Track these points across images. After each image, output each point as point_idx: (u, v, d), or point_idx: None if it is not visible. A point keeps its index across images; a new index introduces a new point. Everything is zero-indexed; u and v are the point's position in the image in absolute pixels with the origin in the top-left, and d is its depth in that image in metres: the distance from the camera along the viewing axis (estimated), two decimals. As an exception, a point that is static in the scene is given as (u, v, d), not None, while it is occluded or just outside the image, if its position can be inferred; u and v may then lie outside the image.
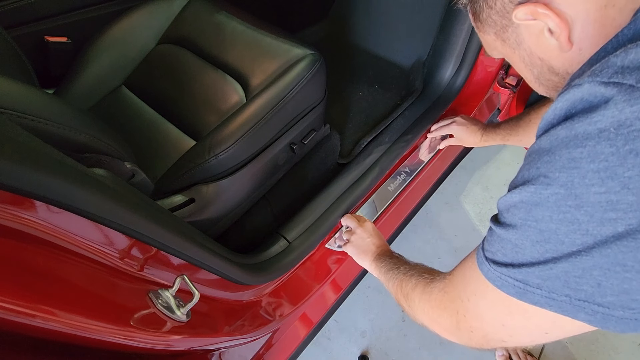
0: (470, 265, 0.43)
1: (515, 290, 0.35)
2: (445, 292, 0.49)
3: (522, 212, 0.34)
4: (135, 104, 1.00)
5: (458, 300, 0.45)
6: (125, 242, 0.49)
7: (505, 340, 0.41)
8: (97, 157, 0.59)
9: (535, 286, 0.34)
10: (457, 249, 1.53)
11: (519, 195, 0.34)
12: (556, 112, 0.32)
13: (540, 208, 0.32)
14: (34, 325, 0.38)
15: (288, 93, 0.87)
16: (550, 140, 0.32)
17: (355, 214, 0.96)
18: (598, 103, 0.29)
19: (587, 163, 0.29)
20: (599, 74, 0.30)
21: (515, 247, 0.35)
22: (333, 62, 1.30)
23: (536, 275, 0.33)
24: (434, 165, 1.23)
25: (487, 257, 0.38)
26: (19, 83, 0.54)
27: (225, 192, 0.86)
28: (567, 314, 0.33)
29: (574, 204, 0.30)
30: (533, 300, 0.34)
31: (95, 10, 1.03)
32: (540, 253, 0.33)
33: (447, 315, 0.48)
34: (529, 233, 0.33)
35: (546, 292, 0.33)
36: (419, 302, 0.55)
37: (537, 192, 0.32)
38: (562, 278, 0.32)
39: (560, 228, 0.31)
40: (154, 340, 0.55)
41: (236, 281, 0.74)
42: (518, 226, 0.34)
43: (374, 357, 1.36)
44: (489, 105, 1.34)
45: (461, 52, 1.14)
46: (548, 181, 0.31)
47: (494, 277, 0.37)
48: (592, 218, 0.29)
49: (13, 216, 0.36)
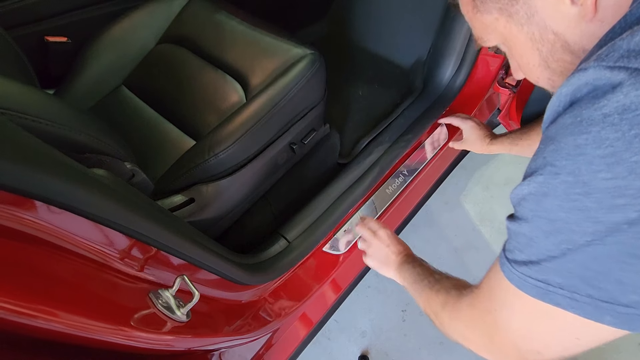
0: (495, 272, 0.41)
1: (537, 291, 0.34)
2: (474, 307, 0.47)
3: (532, 203, 0.33)
4: (135, 103, 1.00)
5: (487, 313, 0.43)
6: (125, 242, 0.49)
7: (540, 351, 0.39)
8: (97, 157, 0.59)
9: (557, 285, 0.32)
10: (457, 249, 1.53)
11: (528, 187, 0.33)
12: (561, 99, 0.31)
13: (550, 198, 0.31)
14: (34, 326, 0.38)
15: (288, 93, 0.87)
16: (557, 129, 0.31)
17: (370, 221, 0.87)
18: (604, 88, 0.28)
19: (592, 149, 0.28)
20: (605, 58, 0.29)
21: (530, 240, 0.34)
22: (333, 61, 1.30)
23: (556, 272, 0.32)
24: (434, 165, 1.23)
25: (507, 258, 0.37)
26: (19, 83, 0.54)
27: (225, 192, 0.86)
28: (591, 316, 0.31)
29: (583, 191, 0.29)
30: (555, 301, 0.33)
31: (95, 10, 1.03)
32: (555, 245, 0.32)
33: (479, 331, 0.46)
34: (541, 224, 0.32)
35: (568, 292, 0.32)
36: (449, 320, 0.53)
37: (546, 182, 0.31)
38: (581, 275, 0.31)
39: (570, 217, 0.30)
40: (154, 340, 0.55)
41: (236, 281, 0.74)
42: (529, 219, 0.34)
43: (374, 357, 1.36)
44: (489, 105, 1.34)
45: (461, 51, 1.14)
46: (555, 170, 0.30)
47: (514, 277, 0.36)
48: (602, 205, 0.28)
49: (13, 216, 0.36)
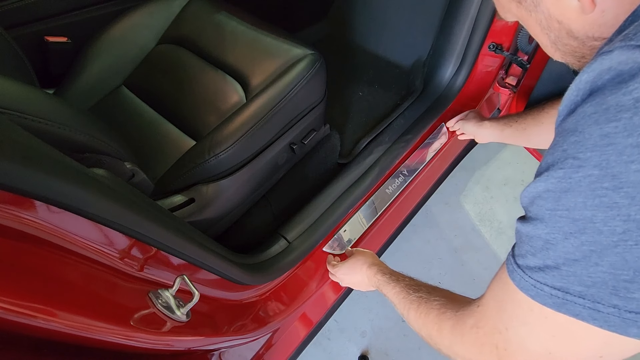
0: (502, 283, 0.37)
1: (553, 301, 0.30)
2: (479, 328, 0.41)
3: (550, 201, 0.30)
4: (135, 104, 1.00)
5: (495, 332, 0.38)
6: (125, 242, 0.49)
7: None
8: (97, 157, 0.59)
9: (576, 294, 0.29)
10: (457, 249, 1.53)
11: (544, 183, 0.30)
12: (580, 87, 0.29)
13: (571, 194, 0.28)
14: (35, 325, 0.38)
15: (288, 93, 0.87)
16: (576, 119, 0.28)
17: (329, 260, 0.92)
18: (631, 71, 0.26)
19: (623, 138, 0.25)
20: (633, 37, 0.26)
21: (546, 243, 0.30)
22: (333, 62, 1.30)
23: (576, 278, 0.29)
24: (434, 165, 1.23)
25: (518, 264, 0.33)
26: (19, 83, 0.54)
27: (225, 192, 0.86)
28: (615, 329, 0.28)
29: (611, 185, 0.26)
30: (574, 312, 0.29)
31: (95, 10, 1.03)
32: (576, 247, 0.28)
33: (486, 355, 0.40)
34: (560, 224, 0.29)
35: (590, 302, 0.28)
36: (449, 345, 0.47)
37: (566, 177, 0.28)
38: (607, 282, 0.27)
39: (597, 215, 0.27)
40: (154, 340, 0.55)
41: (236, 281, 0.74)
42: (546, 218, 0.30)
43: (374, 357, 1.36)
44: (489, 105, 1.34)
45: (461, 51, 1.14)
46: (578, 163, 0.27)
47: (527, 285, 0.32)
48: (634, 200, 0.25)
49: (13, 216, 0.36)
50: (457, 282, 1.46)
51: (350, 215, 1.01)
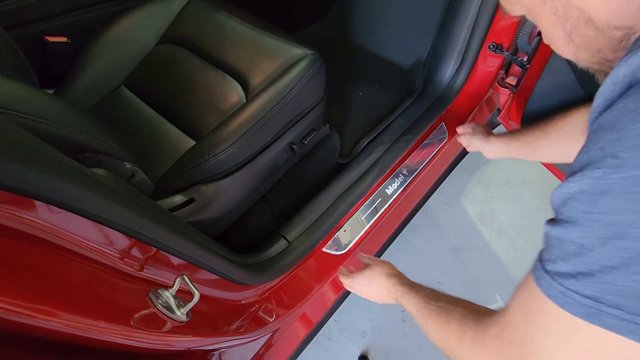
0: (529, 291, 0.34)
1: (585, 310, 0.28)
2: (503, 338, 0.39)
3: (585, 203, 0.28)
4: (135, 104, 1.00)
5: (519, 343, 0.36)
6: (125, 242, 0.49)
7: None
8: (97, 157, 0.59)
9: (612, 305, 0.26)
10: (457, 249, 1.53)
11: (579, 184, 0.28)
12: (617, 81, 0.27)
13: (609, 196, 0.26)
14: (35, 325, 0.38)
15: (288, 93, 0.87)
16: (615, 115, 0.26)
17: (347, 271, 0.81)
18: None
19: None
20: None
21: (580, 248, 0.28)
22: (333, 62, 1.30)
23: (612, 287, 0.26)
24: (434, 165, 1.23)
25: (546, 269, 0.31)
26: (19, 83, 0.54)
27: (225, 192, 0.86)
28: None
29: None
30: (608, 324, 0.27)
31: (95, 10, 1.03)
32: (613, 253, 0.26)
33: None
34: (595, 228, 0.27)
35: (628, 314, 0.26)
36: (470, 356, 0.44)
37: (604, 177, 0.26)
38: None
39: (637, 220, 0.25)
40: (154, 340, 0.55)
41: (236, 281, 0.74)
42: (580, 221, 0.28)
43: (374, 357, 1.36)
44: (489, 105, 1.34)
45: (461, 51, 1.14)
46: (618, 162, 0.25)
47: (556, 293, 0.30)
48: None
49: (13, 216, 0.36)
50: (458, 282, 1.46)
51: (350, 215, 1.01)
